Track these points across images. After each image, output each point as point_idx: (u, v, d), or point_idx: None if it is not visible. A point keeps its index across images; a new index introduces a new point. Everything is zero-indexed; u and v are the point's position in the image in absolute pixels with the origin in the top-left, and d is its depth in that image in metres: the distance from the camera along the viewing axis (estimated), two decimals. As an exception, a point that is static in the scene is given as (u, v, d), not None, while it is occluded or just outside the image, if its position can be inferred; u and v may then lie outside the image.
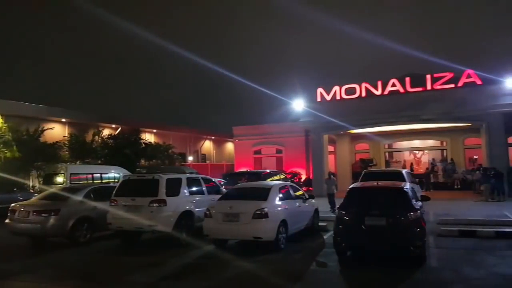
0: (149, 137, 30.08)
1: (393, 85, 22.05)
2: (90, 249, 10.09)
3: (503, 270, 7.17)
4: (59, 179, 16.36)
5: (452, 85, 20.73)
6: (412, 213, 7.64)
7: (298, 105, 24.64)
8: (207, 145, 41.77)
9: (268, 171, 18.89)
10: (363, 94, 22.82)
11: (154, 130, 33.70)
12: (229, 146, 42.00)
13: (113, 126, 29.78)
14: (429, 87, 21.21)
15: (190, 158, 36.83)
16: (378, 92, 22.46)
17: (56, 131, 23.37)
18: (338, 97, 23.47)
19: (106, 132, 24.64)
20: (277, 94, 29.57)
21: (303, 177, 27.26)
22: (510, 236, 9.87)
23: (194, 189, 10.96)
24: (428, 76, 21.22)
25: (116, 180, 16.05)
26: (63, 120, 26.59)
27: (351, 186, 9.25)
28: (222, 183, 16.59)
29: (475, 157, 25.87)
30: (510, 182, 19.68)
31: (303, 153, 28.36)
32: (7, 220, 10.50)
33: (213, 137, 42.00)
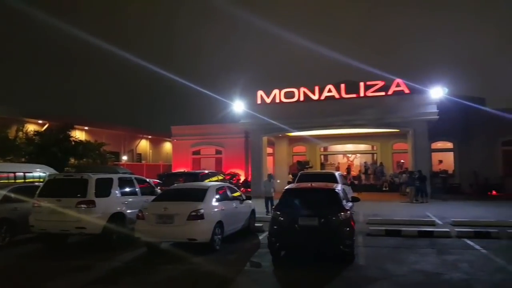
0: (80, 134, 28.53)
1: (329, 90, 22.89)
2: (9, 253, 9.36)
3: (424, 266, 7.64)
4: (-24, 178, 14.98)
5: (383, 93, 21.92)
6: (342, 213, 7.93)
7: (238, 106, 24.72)
8: (143, 145, 40.52)
9: (206, 171, 18.70)
10: (301, 98, 23.44)
11: (86, 128, 31.91)
12: (167, 146, 41.08)
13: (40, 122, 27.88)
14: (362, 94, 22.26)
15: (125, 158, 35.49)
16: (315, 97, 23.19)
17: (-26, 126, 21.41)
18: (277, 100, 23.90)
19: (31, 128, 23.00)
20: (217, 95, 29.48)
21: (242, 178, 27.37)
22: (430, 235, 10.59)
23: (126, 189, 10.55)
24: (362, 84, 22.28)
25: (41, 180, 15.01)
26: (-19, 114, 24.45)
27: (286, 187, 9.44)
28: (157, 183, 16.18)
29: (402, 161, 27.52)
30: (432, 185, 21.29)
31: (243, 154, 28.51)
32: None
33: (149, 136, 40.80)
